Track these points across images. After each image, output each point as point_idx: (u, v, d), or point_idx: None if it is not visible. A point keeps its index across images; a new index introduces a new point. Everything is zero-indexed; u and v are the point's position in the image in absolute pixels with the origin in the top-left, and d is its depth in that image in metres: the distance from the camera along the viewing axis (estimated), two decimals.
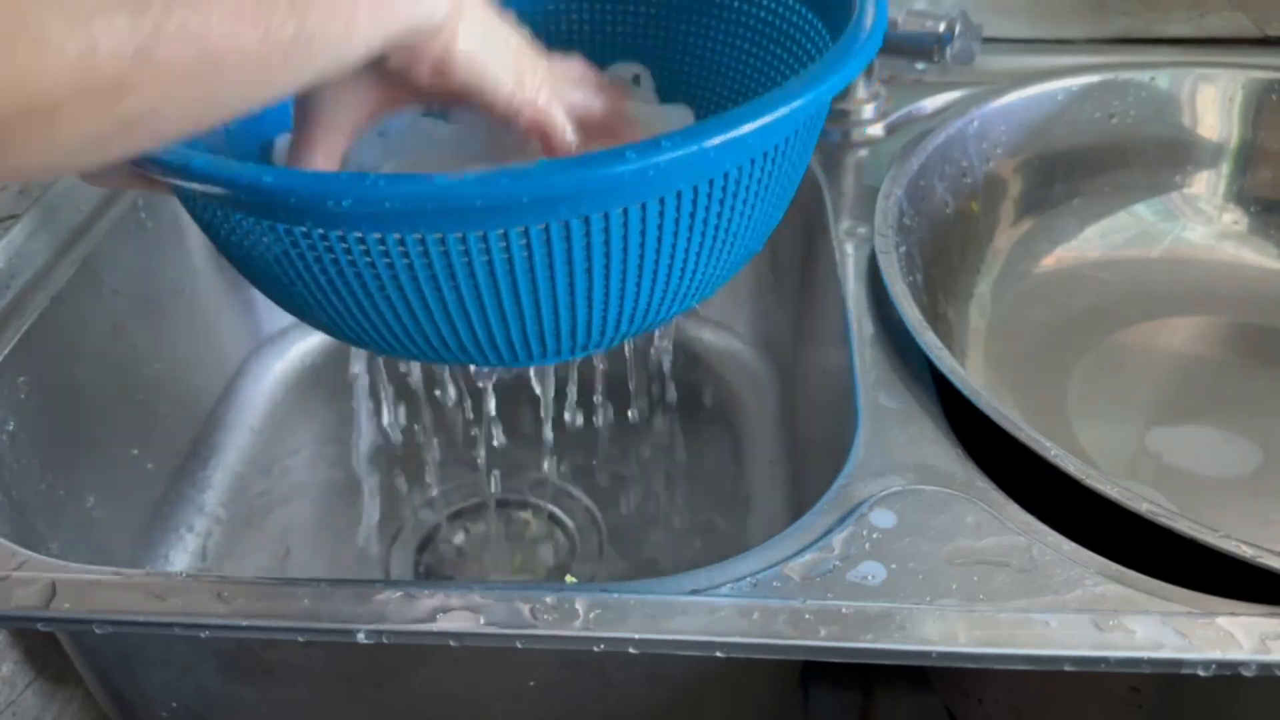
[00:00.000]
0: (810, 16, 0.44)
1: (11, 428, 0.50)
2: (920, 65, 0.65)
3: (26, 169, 0.25)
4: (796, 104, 0.32)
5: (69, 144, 0.24)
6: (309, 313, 0.37)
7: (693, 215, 0.33)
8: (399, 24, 0.32)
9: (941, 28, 0.59)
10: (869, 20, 0.37)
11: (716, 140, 0.30)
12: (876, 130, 0.66)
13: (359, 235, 0.31)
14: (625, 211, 0.31)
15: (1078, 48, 0.73)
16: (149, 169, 0.32)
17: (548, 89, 0.36)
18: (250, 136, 0.44)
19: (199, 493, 0.64)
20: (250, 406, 0.69)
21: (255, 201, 0.31)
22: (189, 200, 0.35)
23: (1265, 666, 0.35)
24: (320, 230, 0.31)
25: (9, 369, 0.50)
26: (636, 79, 0.50)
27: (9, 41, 0.21)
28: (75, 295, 0.55)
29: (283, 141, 0.43)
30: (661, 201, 0.32)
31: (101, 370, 0.57)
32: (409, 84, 0.34)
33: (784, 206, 0.39)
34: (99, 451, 0.56)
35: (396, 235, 0.31)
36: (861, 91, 0.66)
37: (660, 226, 0.33)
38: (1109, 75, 0.66)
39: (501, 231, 0.31)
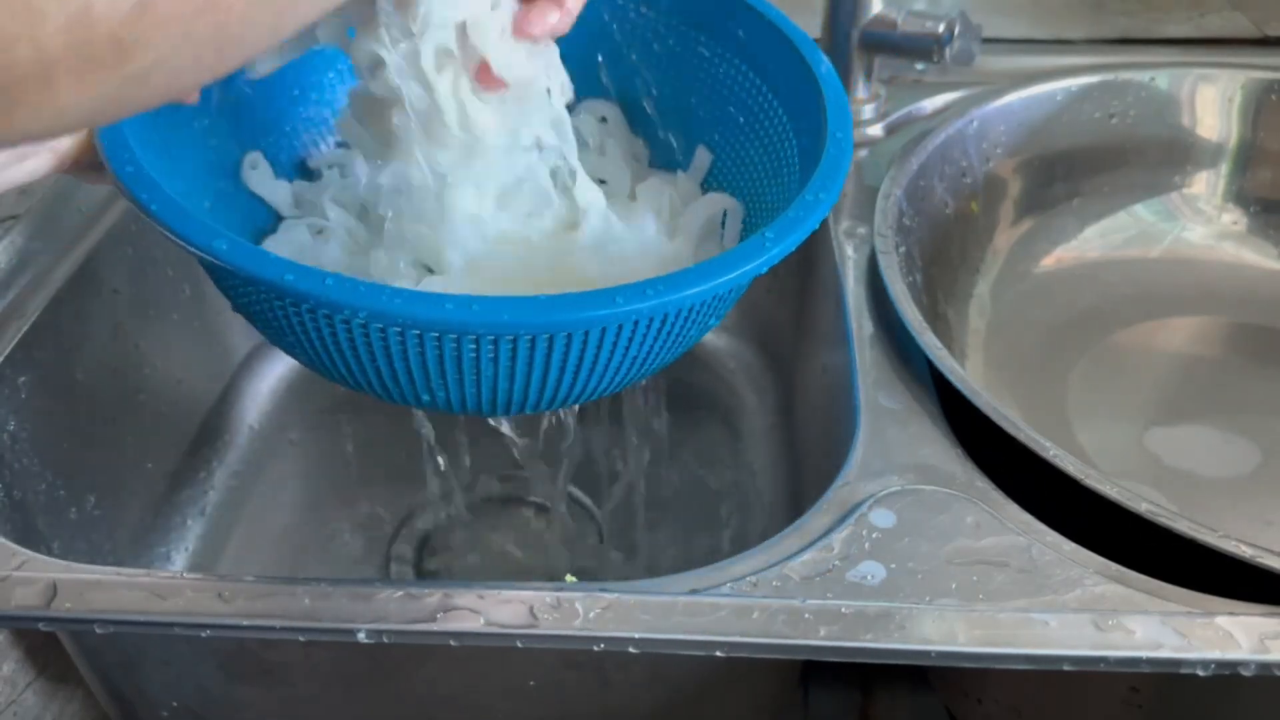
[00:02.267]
0: (781, 115, 0.46)
1: (11, 428, 0.50)
2: (920, 65, 0.66)
3: (37, 134, 0.24)
4: (758, 262, 0.36)
5: (75, 109, 0.23)
6: (295, 355, 0.40)
7: (659, 331, 0.37)
8: None
9: (941, 28, 0.60)
10: (830, 168, 0.40)
11: (694, 290, 0.35)
12: (876, 130, 0.66)
13: (363, 324, 0.34)
14: (604, 330, 0.35)
15: (1077, 48, 0.73)
16: (167, 233, 0.34)
17: None
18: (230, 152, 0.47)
19: (199, 493, 0.64)
20: (250, 406, 0.69)
21: (273, 292, 0.34)
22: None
23: (1264, 666, 0.35)
24: (325, 312, 0.34)
25: (9, 369, 0.50)
26: (604, 119, 0.52)
27: None
28: (75, 295, 0.55)
29: (250, 159, 0.47)
30: (635, 323, 0.36)
31: (101, 370, 0.57)
32: None
33: (732, 304, 0.43)
34: (99, 451, 0.56)
35: (397, 329, 0.34)
36: (861, 92, 0.66)
37: (630, 339, 0.36)
38: (1109, 75, 0.66)
39: (493, 339, 0.35)
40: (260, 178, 0.47)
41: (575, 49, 0.51)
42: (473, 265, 0.45)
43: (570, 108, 0.51)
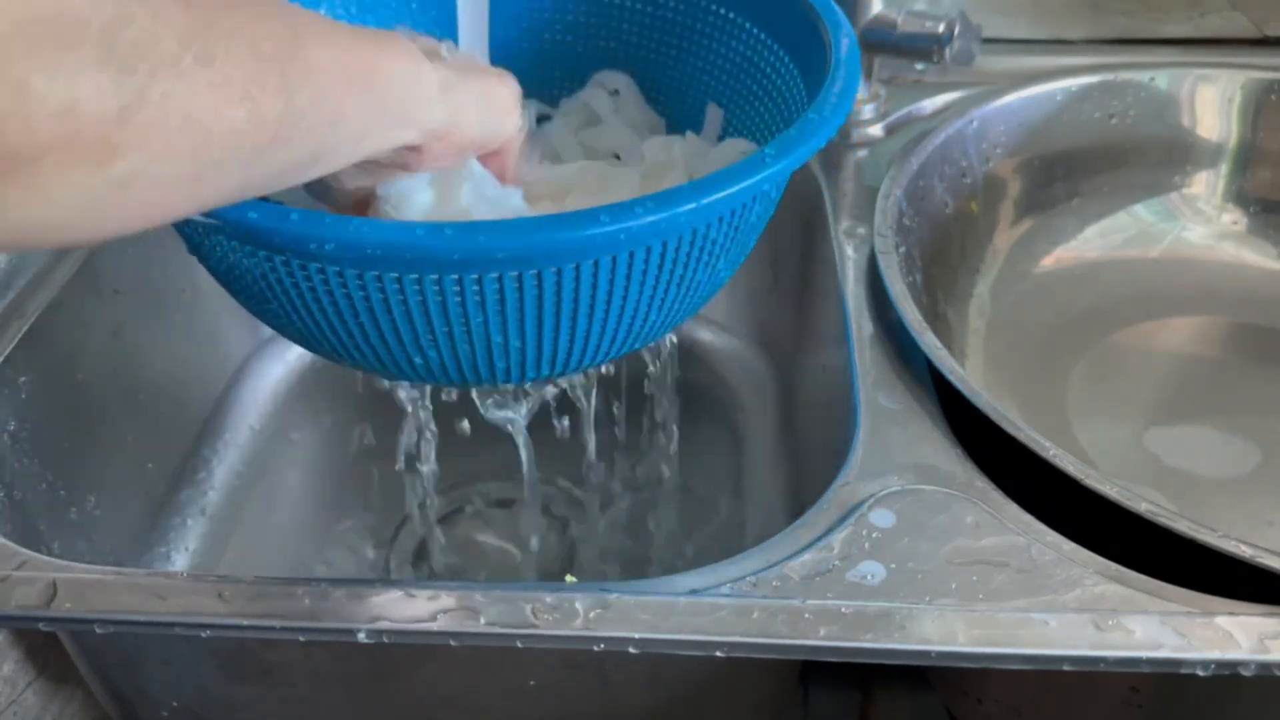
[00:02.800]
0: (790, 65, 0.45)
1: (12, 428, 0.50)
2: (920, 65, 0.65)
3: (26, 228, 0.25)
4: (756, 178, 0.34)
5: (63, 202, 0.24)
6: (283, 328, 0.38)
7: (660, 267, 0.35)
8: (392, 132, 0.34)
9: (941, 28, 0.60)
10: (836, 92, 0.38)
11: (687, 207, 0.32)
12: (876, 130, 0.66)
13: (338, 270, 0.33)
14: (596, 263, 0.33)
15: (1077, 48, 0.73)
16: None
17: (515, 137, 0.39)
18: None
19: (199, 493, 0.64)
20: (250, 406, 0.69)
21: (239, 233, 0.32)
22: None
23: (1264, 666, 0.35)
24: (300, 262, 0.33)
25: (9, 369, 0.50)
26: (617, 92, 0.51)
27: None
28: (75, 295, 0.55)
29: None
30: (631, 255, 0.34)
31: (102, 370, 0.57)
32: (415, 165, 0.36)
33: (749, 248, 0.41)
34: (99, 451, 0.56)
35: (375, 273, 0.32)
36: (861, 92, 0.66)
37: (628, 277, 0.34)
38: (1108, 75, 0.66)
39: (477, 277, 0.32)
40: None
41: (579, 19, 0.51)
42: None
43: (582, 80, 0.51)
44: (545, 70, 0.52)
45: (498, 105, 0.38)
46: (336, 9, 0.49)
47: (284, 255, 0.33)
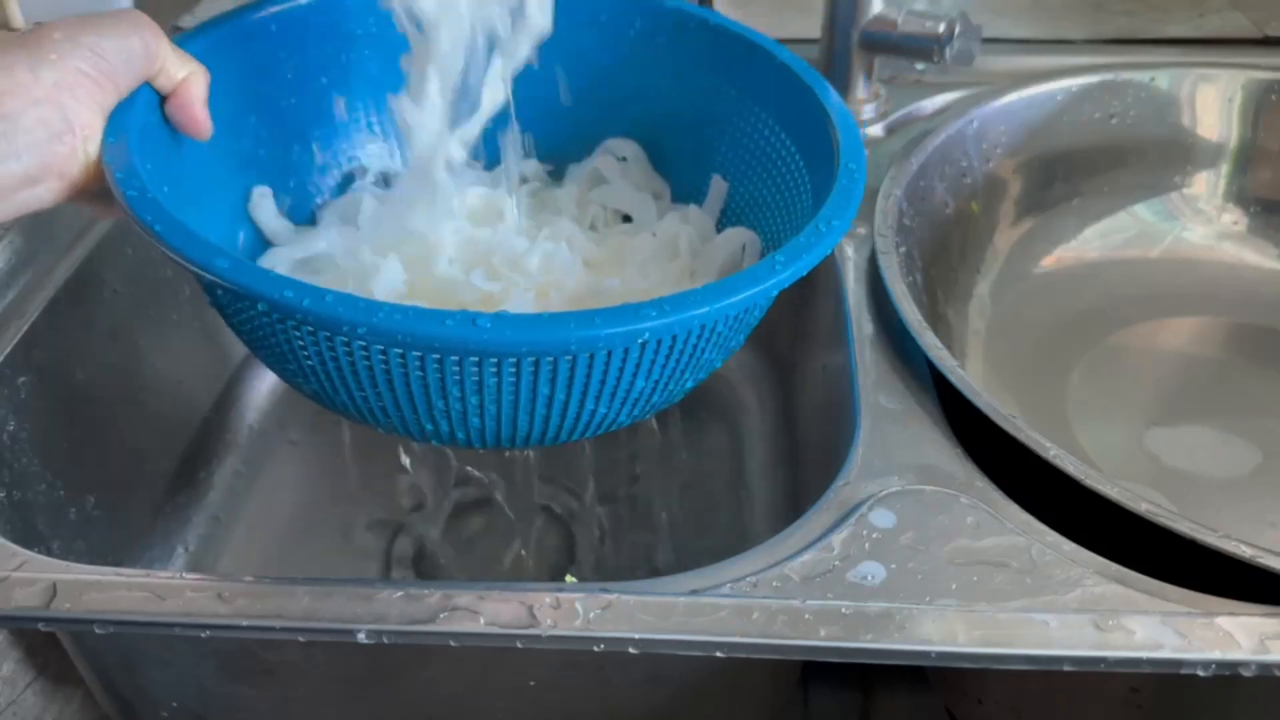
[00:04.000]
0: (799, 160, 0.47)
1: (11, 428, 0.50)
2: (920, 65, 0.66)
3: None
4: (765, 285, 0.36)
5: None
6: (300, 387, 0.40)
7: (667, 357, 0.37)
8: None
9: (941, 28, 0.60)
10: (844, 197, 0.40)
11: (697, 311, 0.34)
12: (876, 130, 0.66)
13: (363, 345, 0.34)
14: (609, 354, 0.35)
15: (1078, 48, 0.73)
16: (170, 255, 0.35)
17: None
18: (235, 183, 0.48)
19: (199, 493, 0.64)
20: (250, 406, 0.69)
21: (284, 313, 0.34)
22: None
23: (1265, 666, 0.35)
24: (326, 335, 0.34)
25: (9, 369, 0.50)
26: (624, 158, 0.53)
27: None
28: (75, 295, 0.55)
29: (259, 192, 0.48)
30: (642, 345, 0.36)
31: (101, 370, 0.57)
32: None
33: (750, 331, 0.44)
34: (99, 451, 0.56)
35: (399, 351, 0.34)
36: (861, 92, 0.66)
37: (637, 365, 0.37)
38: (1109, 75, 0.66)
39: (496, 361, 0.34)
40: (264, 210, 0.48)
41: (597, 89, 0.52)
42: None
43: (590, 149, 0.54)
44: (558, 133, 0.54)
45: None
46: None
47: (311, 328, 0.34)
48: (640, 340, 0.34)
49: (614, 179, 0.53)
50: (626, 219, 0.54)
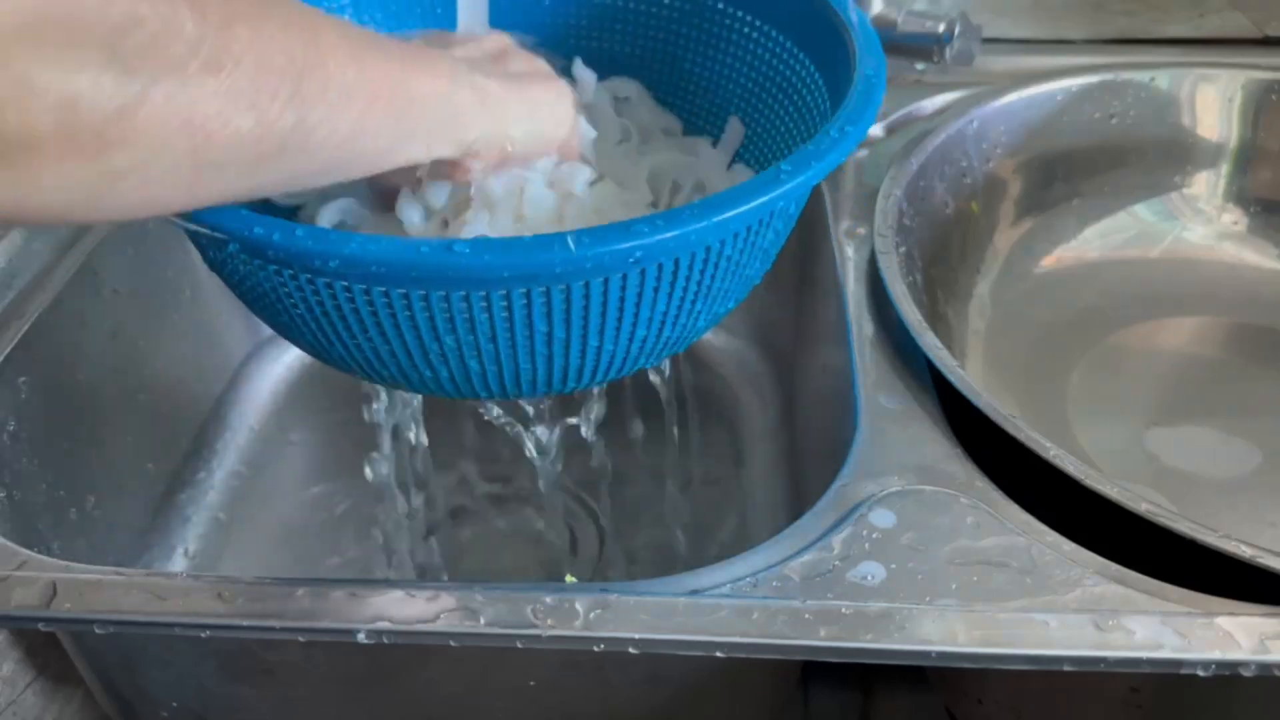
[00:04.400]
0: (813, 71, 0.44)
1: (12, 428, 0.50)
2: (920, 66, 0.65)
3: (17, 207, 0.25)
4: (770, 195, 0.33)
5: (56, 188, 0.25)
6: (294, 339, 0.38)
7: (672, 284, 0.35)
8: (420, 149, 0.34)
9: (941, 28, 0.60)
10: (855, 106, 0.37)
11: (693, 227, 0.32)
12: (876, 130, 0.66)
13: (345, 285, 0.32)
14: (606, 281, 0.33)
15: (1078, 48, 0.73)
16: None
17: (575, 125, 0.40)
18: None
19: (199, 493, 0.64)
20: (250, 406, 0.69)
21: (249, 247, 0.32)
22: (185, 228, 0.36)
23: (1265, 666, 0.35)
24: (308, 276, 0.33)
25: (9, 369, 0.50)
26: (627, 98, 0.51)
27: None
28: (75, 295, 0.55)
29: None
30: (643, 272, 0.33)
31: (101, 370, 0.57)
32: (457, 178, 0.37)
33: (770, 262, 0.40)
34: (99, 451, 0.56)
35: (383, 289, 0.32)
36: None
37: (639, 294, 0.34)
38: (1109, 75, 0.66)
39: (484, 294, 0.32)
40: None
41: (594, 24, 0.51)
42: None
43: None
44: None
45: (544, 114, 0.38)
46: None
47: (292, 269, 0.33)
48: (633, 260, 0.32)
49: (606, 122, 0.51)
50: None
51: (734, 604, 0.37)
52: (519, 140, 0.37)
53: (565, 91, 0.40)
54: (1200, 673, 0.35)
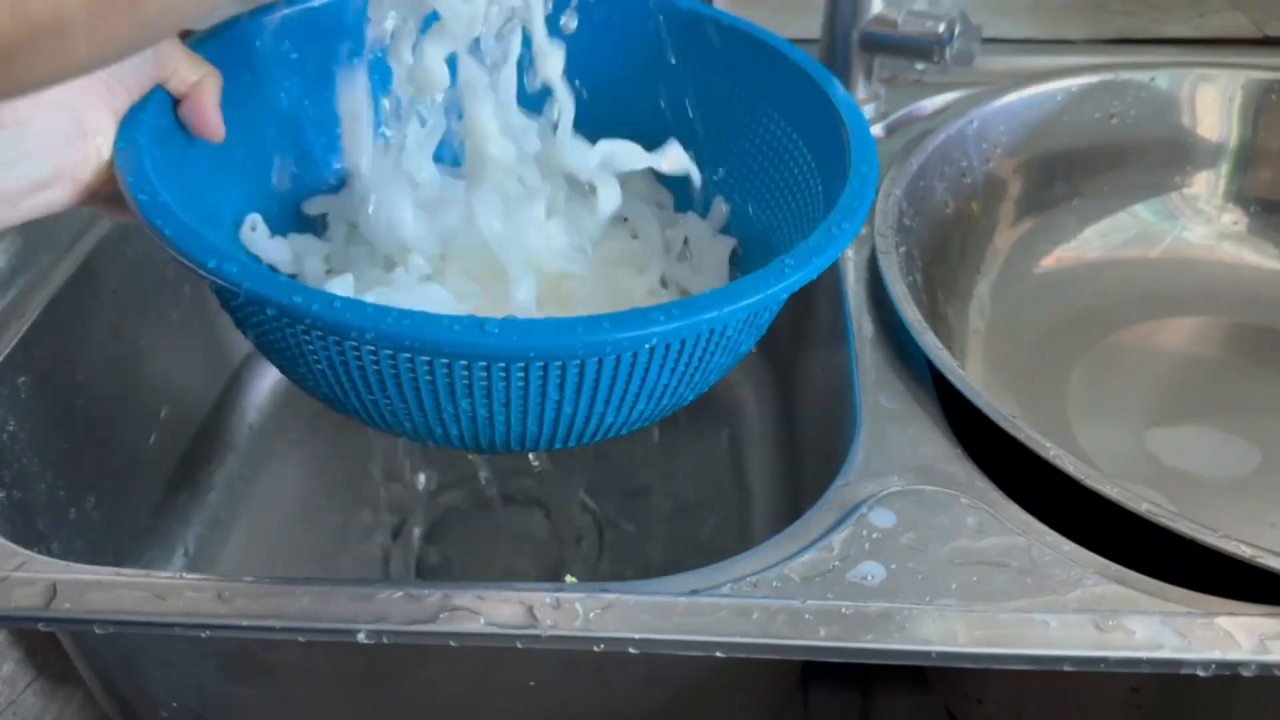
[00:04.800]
0: (805, 151, 0.47)
1: (11, 428, 0.50)
2: (920, 65, 0.65)
3: (50, 81, 0.26)
4: (780, 285, 0.36)
5: (88, 56, 0.25)
6: (309, 389, 0.40)
7: (676, 361, 0.37)
8: None
9: (941, 28, 0.59)
10: (854, 199, 0.40)
11: (706, 316, 0.34)
12: (876, 130, 0.66)
13: (372, 349, 0.34)
14: (618, 358, 0.35)
15: (1078, 48, 0.73)
16: (180, 260, 0.35)
17: None
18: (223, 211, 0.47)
19: (199, 493, 0.64)
20: (250, 406, 0.69)
21: (290, 316, 0.33)
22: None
23: (1265, 666, 0.35)
24: (335, 339, 0.34)
25: (9, 369, 0.50)
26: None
27: None
28: (75, 295, 0.55)
29: (250, 220, 0.47)
30: (650, 350, 0.35)
31: (101, 370, 0.57)
32: None
33: (761, 334, 0.43)
34: (99, 451, 0.56)
35: (407, 355, 0.34)
36: (861, 92, 0.66)
37: (646, 369, 0.36)
38: (1109, 75, 0.66)
39: (504, 366, 0.34)
40: (259, 239, 0.47)
41: (605, 94, 0.52)
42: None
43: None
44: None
45: None
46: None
47: (324, 336, 0.34)
48: (649, 345, 0.34)
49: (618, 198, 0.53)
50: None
51: (734, 604, 0.37)
52: None
53: None
54: (1200, 673, 0.36)
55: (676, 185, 0.53)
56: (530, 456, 0.57)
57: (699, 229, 0.51)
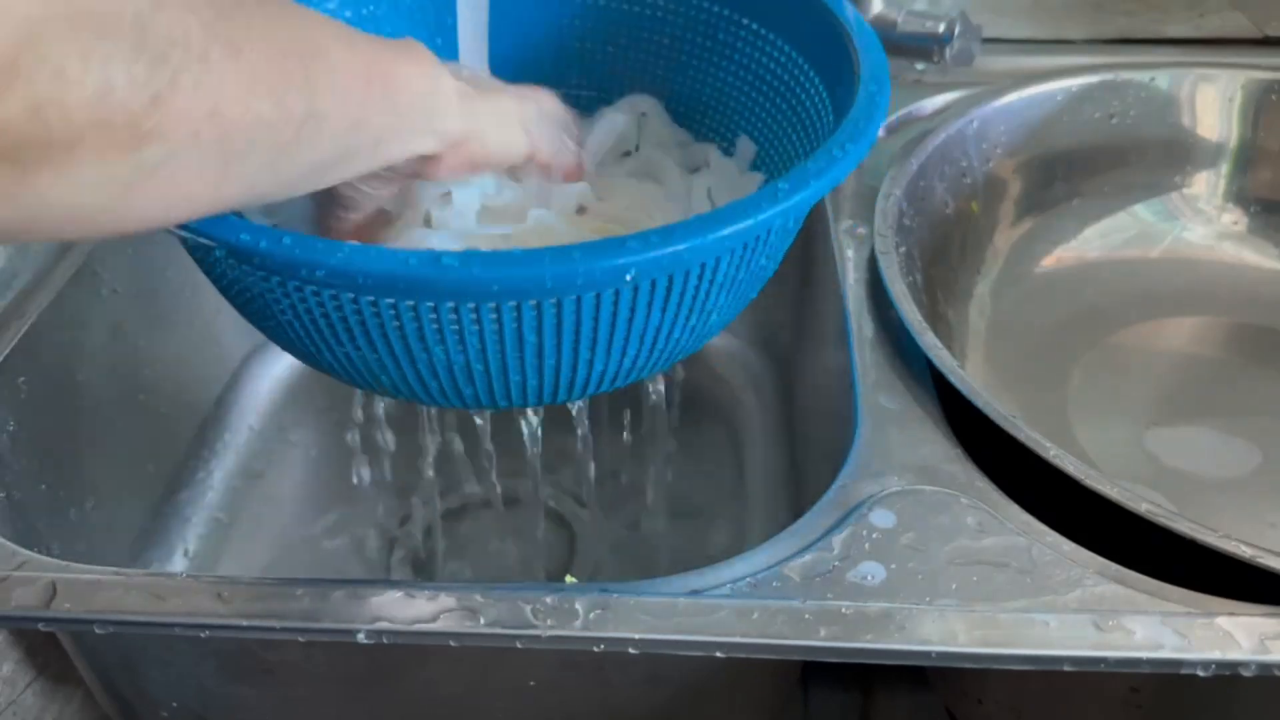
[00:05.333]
0: (817, 83, 0.44)
1: (11, 428, 0.50)
2: (920, 66, 0.65)
3: (55, 212, 0.25)
4: (773, 210, 0.32)
5: (92, 187, 0.25)
6: (285, 344, 0.38)
7: (666, 300, 0.34)
8: (411, 138, 0.34)
9: (941, 28, 0.60)
10: (858, 124, 0.37)
11: (687, 244, 0.31)
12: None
13: (333, 293, 0.32)
14: (598, 296, 0.32)
15: (1078, 48, 0.73)
16: None
17: (547, 136, 0.41)
18: None
19: (199, 493, 0.64)
20: (250, 406, 0.69)
21: (239, 255, 0.32)
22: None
23: (1265, 666, 0.35)
24: (295, 283, 0.32)
25: (9, 369, 0.50)
26: (644, 114, 0.51)
27: (30, 73, 0.22)
28: (75, 295, 0.55)
29: None
30: (634, 286, 0.33)
31: (101, 370, 0.57)
32: (430, 174, 0.37)
33: (765, 279, 0.40)
34: (99, 451, 0.56)
35: (370, 298, 0.32)
36: None
37: (632, 309, 0.34)
38: (1109, 75, 0.66)
39: (474, 306, 0.32)
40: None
41: (608, 43, 0.51)
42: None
43: (608, 101, 0.51)
44: (567, 77, 0.51)
45: (512, 121, 0.39)
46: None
47: (280, 276, 0.32)
48: (627, 277, 0.31)
49: (634, 138, 0.51)
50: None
51: (734, 604, 0.37)
52: (491, 139, 0.38)
53: (527, 107, 0.40)
54: (1200, 673, 0.36)
55: (693, 123, 0.51)
56: (527, 451, 0.57)
57: (724, 166, 0.49)
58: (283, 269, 0.31)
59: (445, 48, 0.48)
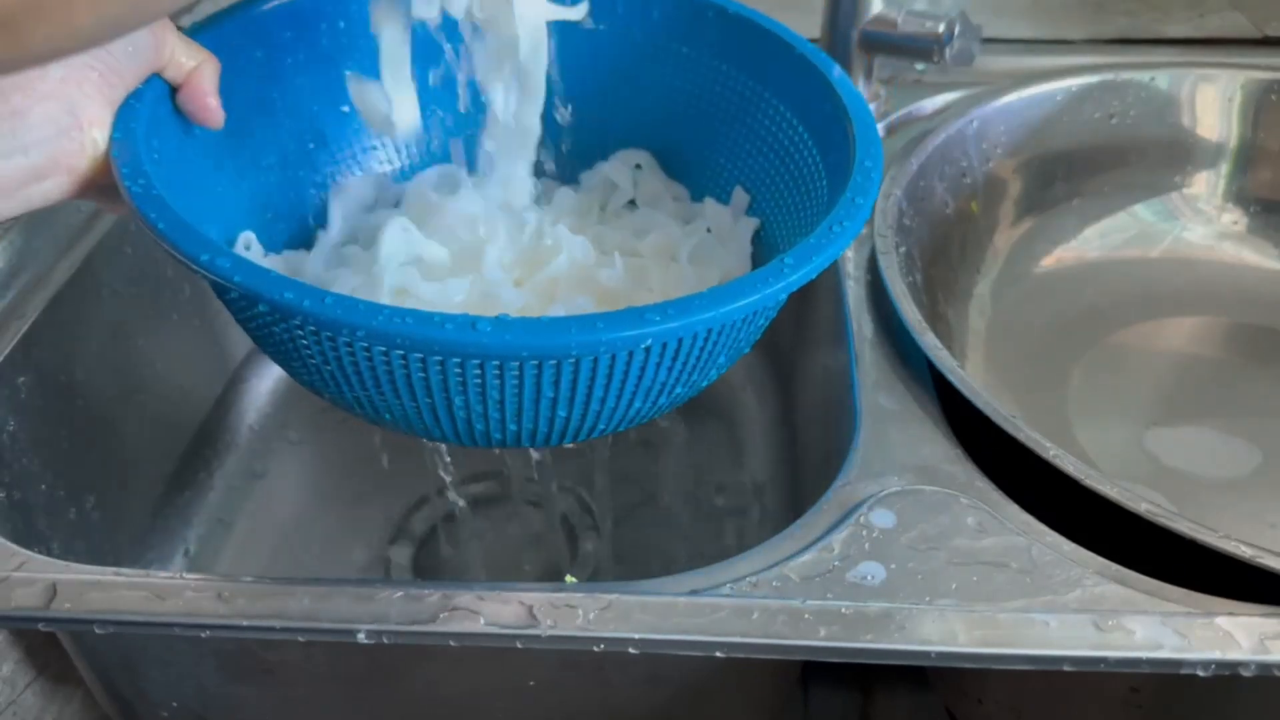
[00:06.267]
0: (811, 145, 0.46)
1: (11, 428, 0.50)
2: (920, 66, 0.65)
3: (53, 52, 0.26)
4: (779, 285, 0.35)
5: (92, 25, 0.25)
6: (306, 384, 0.40)
7: (674, 360, 0.36)
8: None
9: (941, 28, 0.59)
10: (856, 198, 0.39)
11: (707, 315, 0.34)
12: (877, 130, 0.66)
13: (365, 346, 0.34)
14: (613, 357, 0.35)
15: (1078, 48, 0.73)
16: (172, 253, 0.34)
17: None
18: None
19: (198, 493, 0.64)
20: (250, 406, 0.69)
21: (283, 314, 0.33)
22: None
23: (1264, 666, 0.35)
24: (329, 335, 0.34)
25: (9, 369, 0.50)
26: (639, 166, 0.53)
27: None
28: (75, 295, 0.55)
29: (244, 239, 0.46)
30: (646, 350, 0.35)
31: (101, 370, 0.57)
32: None
33: (761, 331, 0.42)
34: (99, 452, 0.56)
35: (400, 353, 0.34)
36: (862, 91, 0.66)
37: (643, 368, 0.36)
38: (1109, 75, 0.66)
39: (498, 364, 0.34)
40: (253, 259, 0.47)
41: (610, 95, 0.52)
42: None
43: (604, 157, 0.53)
44: (562, 138, 0.52)
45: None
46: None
47: (321, 333, 0.34)
48: (644, 345, 0.34)
49: (629, 189, 0.53)
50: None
51: (734, 604, 0.37)
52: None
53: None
54: (1200, 673, 0.36)
55: (689, 176, 0.53)
56: (531, 451, 0.57)
57: (719, 214, 0.50)
58: (322, 326, 0.33)
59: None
